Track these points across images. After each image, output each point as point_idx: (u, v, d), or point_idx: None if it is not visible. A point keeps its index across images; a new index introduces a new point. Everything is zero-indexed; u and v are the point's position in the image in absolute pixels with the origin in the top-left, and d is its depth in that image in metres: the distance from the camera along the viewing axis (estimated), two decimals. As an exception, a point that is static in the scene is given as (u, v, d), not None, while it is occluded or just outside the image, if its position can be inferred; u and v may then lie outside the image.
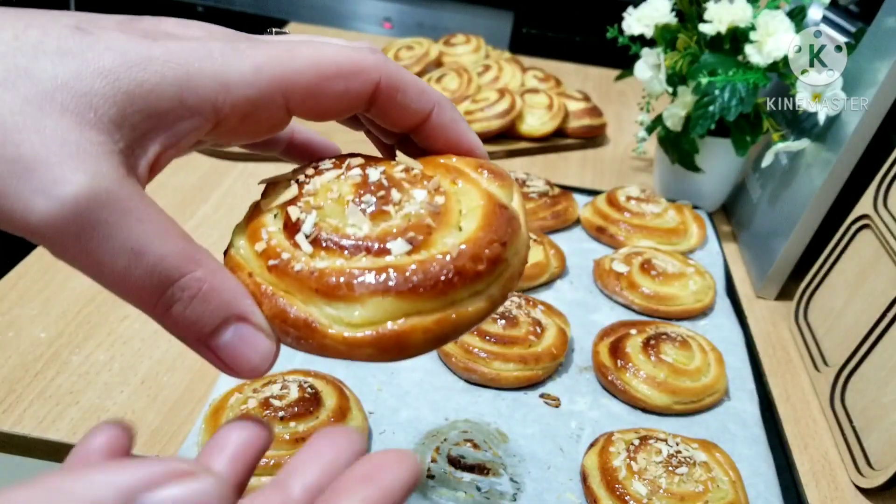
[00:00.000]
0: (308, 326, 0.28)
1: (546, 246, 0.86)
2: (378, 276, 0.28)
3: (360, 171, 0.32)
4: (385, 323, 0.28)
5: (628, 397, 0.69)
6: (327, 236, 0.29)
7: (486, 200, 0.31)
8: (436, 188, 0.31)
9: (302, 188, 0.31)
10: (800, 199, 0.87)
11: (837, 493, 0.66)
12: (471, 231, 0.30)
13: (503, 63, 1.36)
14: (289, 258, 0.29)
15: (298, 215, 0.30)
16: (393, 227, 0.29)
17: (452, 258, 0.28)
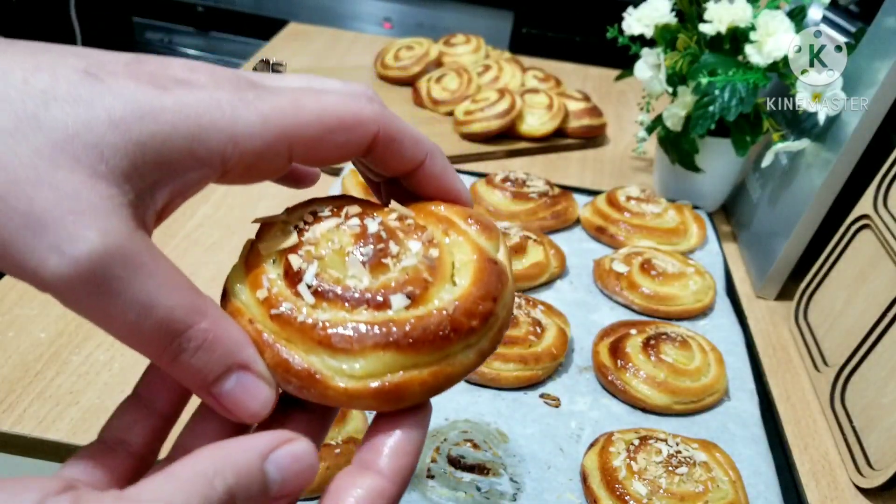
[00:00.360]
0: (310, 377, 0.29)
1: (546, 246, 0.86)
2: (380, 331, 0.29)
3: (359, 220, 0.32)
4: (385, 375, 0.29)
5: (628, 397, 0.69)
6: (329, 288, 0.30)
7: (478, 255, 0.32)
8: (430, 240, 0.33)
9: (301, 235, 0.32)
10: (800, 199, 0.87)
11: (837, 493, 0.66)
12: (465, 287, 0.31)
13: (503, 63, 1.36)
14: (291, 308, 0.30)
15: (300, 265, 0.31)
16: (392, 281, 0.30)
17: (449, 314, 0.30)
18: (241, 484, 0.25)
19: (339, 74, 1.40)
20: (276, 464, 0.26)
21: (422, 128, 1.35)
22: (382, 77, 1.40)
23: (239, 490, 0.25)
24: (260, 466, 0.26)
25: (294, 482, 0.26)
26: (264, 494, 0.26)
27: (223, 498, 0.24)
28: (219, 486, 0.24)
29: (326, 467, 0.56)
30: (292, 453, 0.26)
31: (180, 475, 0.24)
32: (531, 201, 0.94)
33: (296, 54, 1.52)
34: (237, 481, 0.25)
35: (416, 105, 1.31)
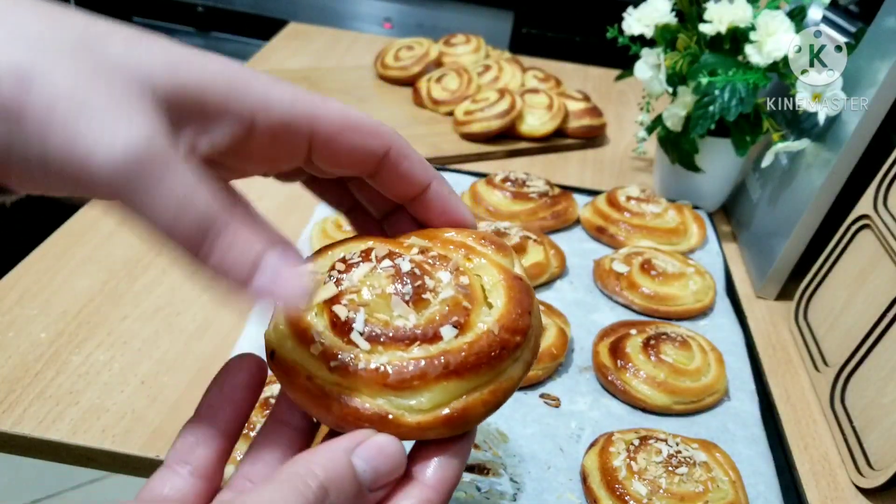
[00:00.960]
0: (383, 420, 0.30)
1: (546, 246, 0.86)
2: (438, 363, 0.31)
3: (390, 261, 0.33)
4: (450, 403, 0.31)
5: (628, 397, 0.69)
6: (381, 332, 0.31)
7: (504, 275, 0.35)
8: (456, 268, 0.34)
9: (339, 284, 0.33)
10: (800, 199, 0.87)
11: (837, 493, 0.66)
12: (501, 307, 0.33)
13: (503, 63, 1.36)
14: (350, 357, 0.31)
15: (347, 314, 0.31)
16: (436, 314, 0.32)
17: (496, 335, 0.32)
18: (331, 478, 0.27)
19: (339, 74, 1.40)
20: (362, 456, 0.28)
21: (422, 128, 1.35)
22: (382, 77, 1.40)
23: (331, 484, 0.27)
24: (347, 461, 0.28)
25: (384, 471, 0.29)
26: (358, 487, 0.28)
27: (317, 492, 0.26)
28: (312, 482, 0.26)
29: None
30: (377, 445, 0.29)
31: (277, 480, 0.26)
32: (531, 201, 0.94)
33: (296, 54, 1.52)
34: (327, 475, 0.27)
35: (416, 105, 1.31)
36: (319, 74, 1.39)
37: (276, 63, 1.46)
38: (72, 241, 0.84)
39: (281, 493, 0.26)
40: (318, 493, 0.26)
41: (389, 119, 1.25)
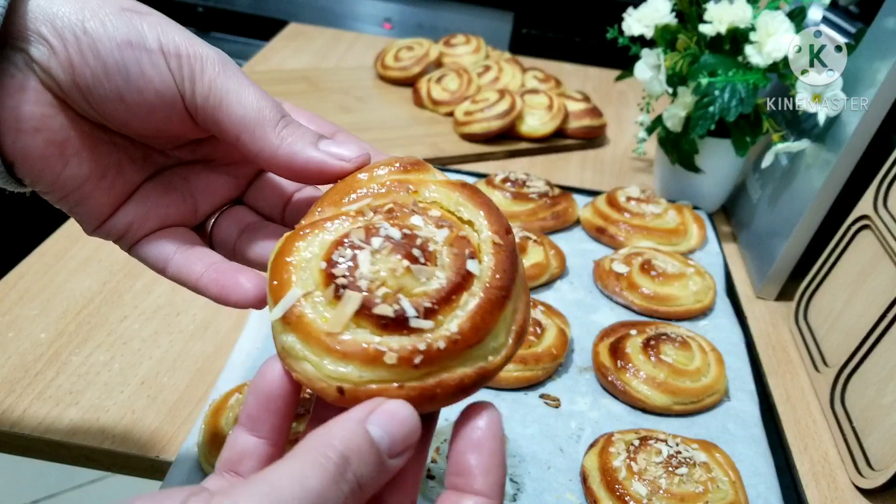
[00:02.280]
0: (482, 375, 0.31)
1: (546, 246, 0.86)
2: (491, 298, 0.31)
3: (380, 238, 0.32)
4: (511, 327, 0.32)
5: (628, 398, 0.69)
6: (431, 303, 0.31)
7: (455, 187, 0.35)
8: (419, 208, 0.34)
9: (356, 287, 0.31)
10: (800, 199, 0.87)
11: (837, 493, 0.66)
12: (484, 217, 0.34)
13: (503, 63, 1.36)
14: (426, 345, 0.30)
15: (393, 309, 0.30)
16: (452, 258, 0.32)
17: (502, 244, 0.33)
18: (350, 447, 0.27)
19: (339, 75, 1.40)
20: (376, 423, 0.29)
21: (422, 128, 1.35)
22: (382, 77, 1.40)
23: (350, 453, 0.27)
24: (363, 429, 0.28)
25: (400, 436, 0.29)
26: (377, 454, 0.28)
27: (338, 462, 0.27)
28: (331, 453, 0.27)
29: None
30: (389, 411, 0.29)
31: (295, 455, 0.27)
32: (531, 202, 0.94)
33: (296, 55, 1.52)
34: (346, 445, 0.27)
35: (416, 105, 1.31)
36: (319, 75, 1.39)
37: (277, 63, 1.46)
38: (72, 241, 0.84)
39: (301, 467, 0.26)
40: (339, 462, 0.27)
41: (389, 119, 1.25)
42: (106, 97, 0.34)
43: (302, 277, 0.32)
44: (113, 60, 0.33)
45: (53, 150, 0.36)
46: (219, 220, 0.42)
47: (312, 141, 0.36)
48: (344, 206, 0.35)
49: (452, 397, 0.31)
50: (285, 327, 0.31)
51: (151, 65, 0.34)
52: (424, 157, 1.03)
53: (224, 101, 0.35)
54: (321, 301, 0.31)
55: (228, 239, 0.41)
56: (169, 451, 0.60)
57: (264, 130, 0.35)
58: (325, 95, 1.30)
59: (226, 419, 0.58)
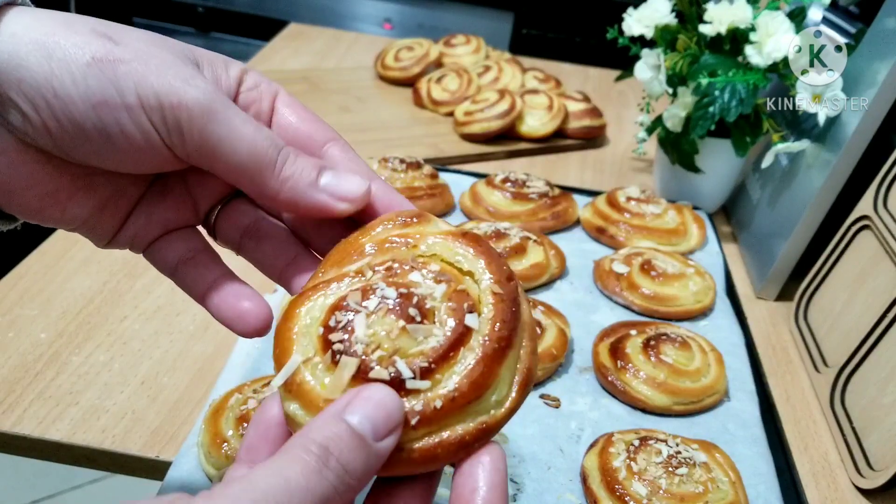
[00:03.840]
0: (485, 431, 0.31)
1: (546, 247, 0.86)
2: (490, 351, 0.31)
3: (374, 297, 0.32)
4: (515, 375, 0.33)
5: (628, 398, 0.69)
6: (427, 363, 0.31)
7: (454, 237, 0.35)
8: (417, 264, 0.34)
9: (352, 351, 0.31)
10: (800, 199, 0.87)
11: (837, 493, 0.66)
12: (483, 265, 0.34)
13: (503, 64, 1.36)
14: (423, 405, 0.30)
15: (388, 372, 0.30)
16: (449, 313, 0.32)
17: (501, 291, 0.33)
18: (328, 437, 0.27)
19: (339, 75, 1.40)
20: (352, 411, 0.28)
21: (422, 128, 1.35)
22: (382, 78, 1.40)
23: (329, 443, 0.27)
24: (340, 420, 0.28)
25: (381, 418, 0.28)
26: (359, 440, 0.28)
27: (318, 453, 0.27)
28: (311, 446, 0.27)
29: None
30: (364, 397, 0.29)
31: (275, 456, 0.27)
32: (531, 202, 0.94)
33: (296, 55, 1.52)
34: (324, 436, 0.27)
35: (416, 106, 1.31)
36: (319, 75, 1.39)
37: (277, 63, 1.46)
38: (72, 241, 0.84)
39: (280, 463, 0.26)
40: (319, 453, 0.27)
41: (389, 119, 1.25)
42: (90, 154, 0.33)
43: (303, 344, 0.32)
44: (91, 124, 0.31)
45: (48, 201, 0.35)
46: (220, 218, 0.42)
47: (313, 181, 0.35)
48: (345, 268, 0.35)
49: (454, 455, 0.31)
50: (287, 394, 0.32)
51: (132, 123, 0.32)
52: (424, 158, 1.03)
53: (217, 150, 0.33)
54: (321, 367, 0.31)
55: (232, 237, 0.41)
56: (169, 451, 0.60)
57: (262, 176, 0.34)
58: (325, 95, 1.30)
59: (226, 419, 0.58)
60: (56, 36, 0.31)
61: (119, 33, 0.33)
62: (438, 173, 1.00)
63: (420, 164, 0.96)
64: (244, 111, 0.37)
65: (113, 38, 0.32)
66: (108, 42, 0.32)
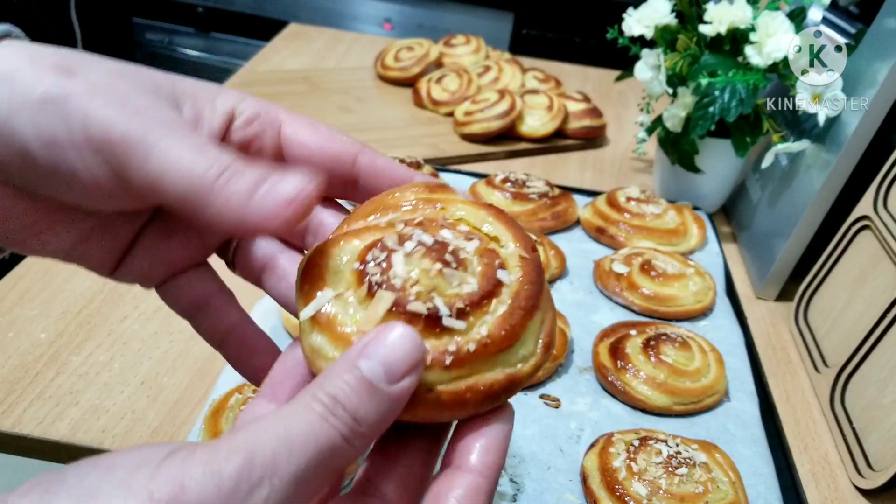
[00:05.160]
0: (512, 381, 0.31)
1: (546, 247, 0.86)
2: (521, 305, 0.31)
3: (412, 243, 0.32)
4: (540, 334, 0.33)
5: (628, 398, 0.69)
6: (464, 304, 0.31)
7: (480, 206, 0.35)
8: (447, 223, 0.34)
9: (390, 286, 0.30)
10: (800, 199, 0.87)
11: (837, 493, 0.66)
12: (509, 233, 0.34)
13: (503, 64, 1.36)
14: (457, 346, 0.30)
15: (426, 307, 0.30)
16: (483, 266, 0.32)
17: (528, 258, 0.33)
18: (338, 386, 0.27)
19: (339, 75, 1.40)
20: (366, 356, 0.27)
21: (422, 129, 1.35)
22: (382, 78, 1.40)
23: (338, 391, 0.26)
24: (351, 367, 0.27)
25: (396, 359, 0.27)
26: (369, 386, 0.27)
27: (326, 402, 0.26)
28: (319, 394, 0.26)
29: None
30: (377, 339, 0.28)
31: (290, 403, 0.26)
32: (531, 202, 0.94)
33: (296, 55, 1.52)
34: (333, 385, 0.27)
35: (416, 106, 1.31)
36: (319, 75, 1.39)
37: (277, 64, 1.46)
38: (72, 241, 0.84)
39: (287, 412, 0.26)
40: (327, 402, 0.26)
41: (389, 120, 1.25)
42: (55, 190, 0.32)
43: (334, 280, 0.32)
44: (44, 161, 0.30)
45: (27, 233, 0.34)
46: (238, 253, 0.39)
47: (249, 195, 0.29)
48: (375, 221, 0.35)
49: (482, 404, 0.30)
50: (314, 327, 0.31)
51: (80, 162, 0.30)
52: (424, 158, 1.04)
53: (156, 187, 0.30)
54: (353, 301, 0.31)
55: (252, 272, 0.39)
56: (169, 452, 0.60)
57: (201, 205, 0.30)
58: (325, 96, 1.30)
59: (226, 419, 0.58)
60: (19, 70, 0.30)
61: (81, 65, 0.31)
62: (438, 173, 1.00)
63: (420, 165, 0.97)
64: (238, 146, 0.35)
65: (72, 71, 0.30)
66: (63, 76, 0.30)
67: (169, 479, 0.23)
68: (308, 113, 1.25)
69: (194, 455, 0.24)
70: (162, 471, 0.24)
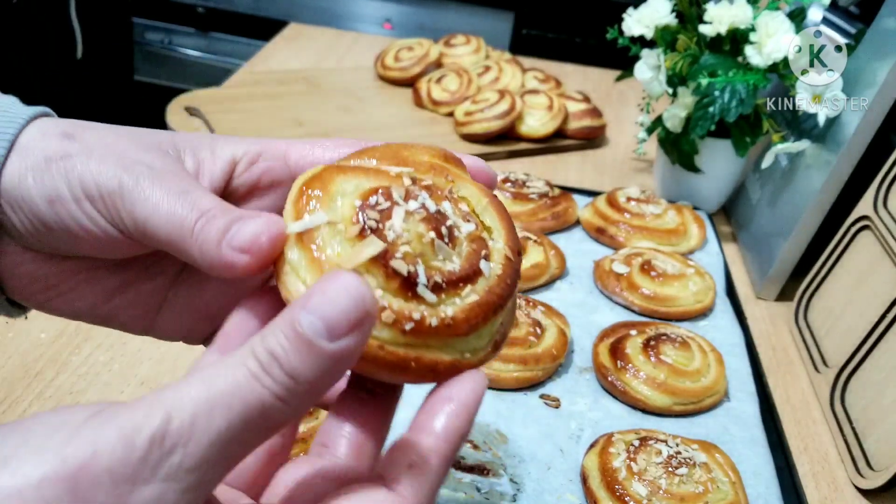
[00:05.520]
0: (456, 367, 0.31)
1: (546, 247, 0.86)
2: (490, 300, 0.32)
3: (416, 204, 0.32)
4: (496, 332, 0.33)
5: (628, 398, 0.69)
6: (441, 280, 0.31)
7: (487, 196, 0.36)
8: (452, 197, 0.34)
9: (382, 236, 0.30)
10: (800, 200, 0.87)
11: (837, 493, 0.66)
12: (502, 230, 0.35)
13: (503, 64, 1.36)
14: (421, 316, 0.30)
15: (408, 269, 0.30)
16: (469, 251, 0.32)
17: (511, 259, 0.34)
18: (278, 341, 0.25)
19: (339, 75, 1.40)
20: (306, 310, 0.25)
21: (422, 129, 1.35)
22: (383, 78, 1.40)
23: (276, 347, 0.25)
24: (291, 322, 0.25)
25: (336, 313, 0.25)
26: (307, 346, 0.25)
27: (263, 359, 0.25)
28: (259, 351, 0.25)
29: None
30: (319, 291, 0.26)
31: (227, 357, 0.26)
32: (531, 202, 0.94)
33: (296, 55, 1.52)
34: (274, 338, 0.25)
35: (416, 106, 1.31)
36: (319, 75, 1.39)
37: (277, 64, 1.46)
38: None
39: (222, 368, 0.25)
40: (264, 359, 0.25)
41: (390, 120, 1.25)
42: (68, 247, 0.34)
43: (331, 207, 0.31)
44: (51, 220, 0.33)
45: (52, 293, 0.36)
46: None
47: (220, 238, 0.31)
48: (385, 166, 0.35)
49: (421, 376, 0.30)
50: (297, 243, 0.31)
51: (84, 215, 0.32)
52: (424, 158, 1.03)
53: (147, 230, 0.32)
54: (342, 235, 0.31)
55: None
56: (169, 452, 0.60)
57: (184, 246, 0.32)
58: (326, 96, 1.30)
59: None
60: (31, 141, 0.33)
61: (84, 130, 0.34)
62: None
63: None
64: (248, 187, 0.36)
65: (74, 136, 0.33)
66: (65, 140, 0.33)
67: (84, 443, 0.22)
68: (308, 113, 1.25)
69: (116, 417, 0.23)
70: (80, 434, 0.22)
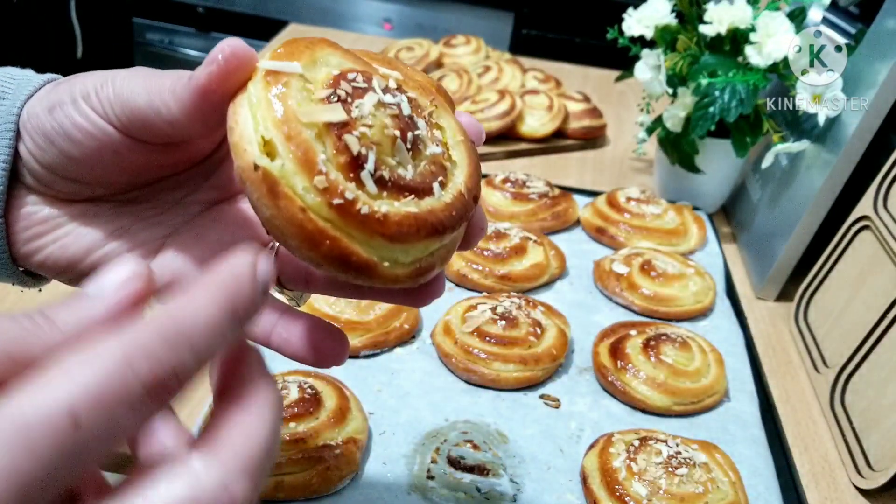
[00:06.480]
0: (371, 268, 0.30)
1: (546, 247, 0.86)
2: (430, 220, 0.30)
3: (392, 97, 0.31)
4: (422, 258, 0.31)
5: (628, 398, 0.69)
6: (389, 177, 0.30)
7: (464, 135, 0.35)
8: (429, 118, 0.33)
9: (347, 109, 0.30)
10: (800, 200, 0.87)
11: (837, 493, 0.66)
12: (466, 169, 0.33)
13: (503, 64, 1.36)
14: (354, 199, 0.29)
15: (359, 149, 0.29)
16: (427, 169, 0.31)
17: (465, 198, 0.32)
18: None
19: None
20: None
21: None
22: (382, 78, 1.40)
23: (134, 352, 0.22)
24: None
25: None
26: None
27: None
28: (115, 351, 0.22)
29: (326, 468, 0.56)
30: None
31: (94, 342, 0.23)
32: (531, 202, 0.94)
33: (296, 55, 1.52)
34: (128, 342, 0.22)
35: (416, 106, 1.31)
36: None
37: (277, 64, 1.46)
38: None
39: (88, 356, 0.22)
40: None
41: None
42: (64, 164, 0.37)
43: (309, 66, 0.31)
44: (50, 127, 0.36)
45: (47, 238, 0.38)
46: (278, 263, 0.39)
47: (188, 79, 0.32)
48: (374, 64, 0.34)
49: (330, 262, 0.29)
50: (262, 79, 0.30)
51: (77, 112, 0.35)
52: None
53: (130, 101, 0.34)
54: (309, 93, 0.30)
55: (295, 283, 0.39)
56: (169, 452, 0.60)
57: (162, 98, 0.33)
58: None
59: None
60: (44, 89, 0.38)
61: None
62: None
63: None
64: None
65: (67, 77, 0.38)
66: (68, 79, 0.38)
67: None
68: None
69: None
70: None
